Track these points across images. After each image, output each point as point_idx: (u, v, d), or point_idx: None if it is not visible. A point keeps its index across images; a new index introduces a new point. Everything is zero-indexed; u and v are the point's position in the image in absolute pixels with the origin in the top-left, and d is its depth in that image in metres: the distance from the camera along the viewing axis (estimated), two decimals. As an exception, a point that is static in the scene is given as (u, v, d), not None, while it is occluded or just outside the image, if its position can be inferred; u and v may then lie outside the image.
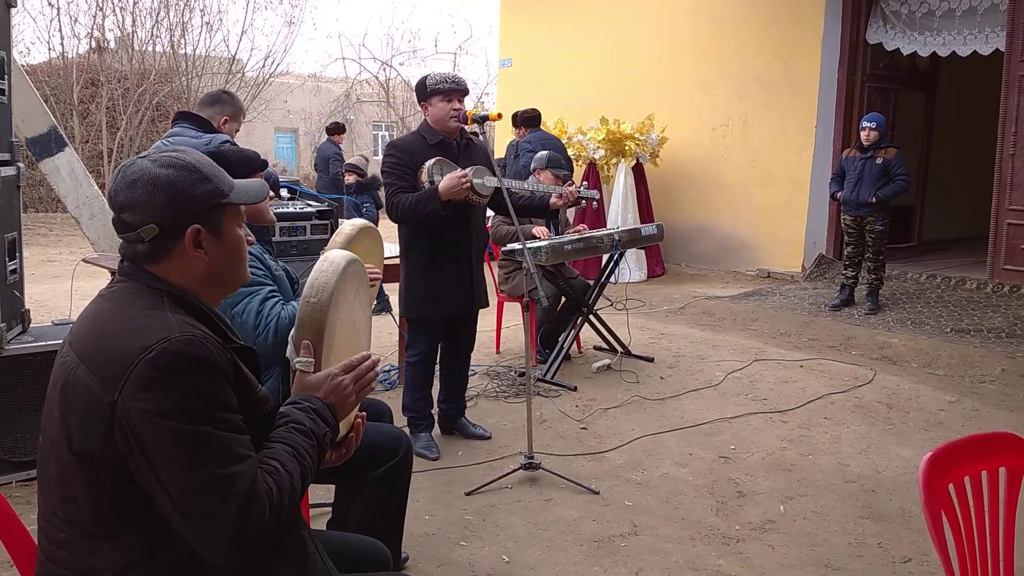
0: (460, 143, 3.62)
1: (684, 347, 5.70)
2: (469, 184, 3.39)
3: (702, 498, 3.35)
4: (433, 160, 3.45)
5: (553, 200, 3.75)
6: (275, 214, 4.19)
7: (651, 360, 5.28)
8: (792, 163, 8.41)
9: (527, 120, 7.61)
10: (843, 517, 3.18)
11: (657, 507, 3.26)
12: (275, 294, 2.45)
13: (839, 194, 6.62)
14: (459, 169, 3.46)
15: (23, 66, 14.24)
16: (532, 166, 5.22)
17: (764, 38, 8.57)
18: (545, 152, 5.25)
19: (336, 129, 10.69)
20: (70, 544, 1.29)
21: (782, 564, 2.83)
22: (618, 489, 3.42)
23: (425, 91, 3.53)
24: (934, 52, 7.64)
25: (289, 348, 1.59)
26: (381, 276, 2.66)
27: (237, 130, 3.75)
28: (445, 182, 3.37)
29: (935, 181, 9.17)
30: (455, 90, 3.49)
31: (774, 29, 8.48)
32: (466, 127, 3.60)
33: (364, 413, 1.69)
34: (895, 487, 3.45)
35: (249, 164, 2.43)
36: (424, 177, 3.43)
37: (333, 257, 1.62)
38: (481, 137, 3.64)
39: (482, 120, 3.44)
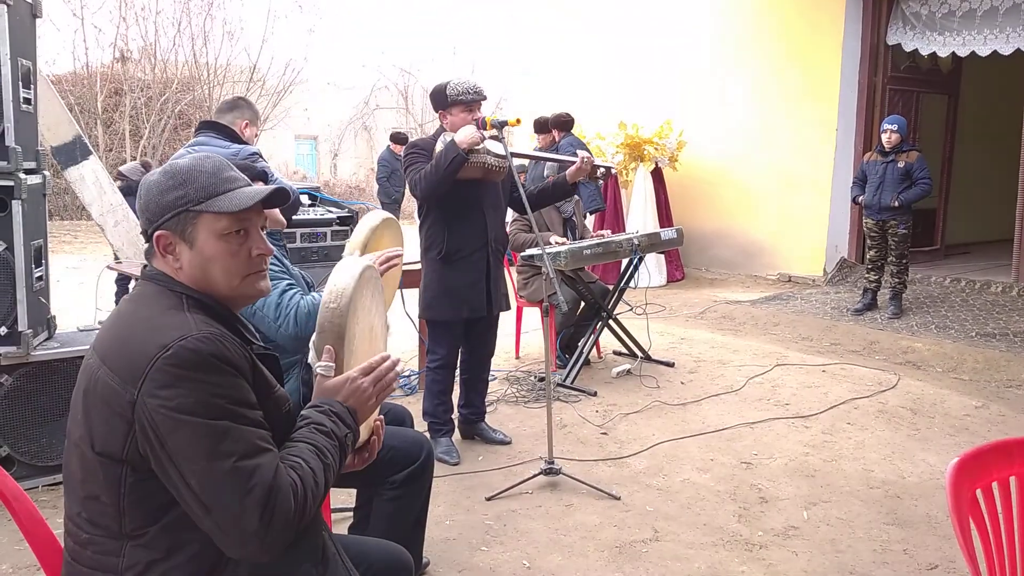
0: (477, 147, 3.62)
1: (704, 352, 5.67)
2: (483, 137, 3.40)
3: (724, 504, 3.33)
4: (448, 135, 3.48)
5: (571, 172, 3.72)
6: (295, 221, 4.24)
7: (671, 365, 5.25)
8: (813, 166, 8.35)
9: (560, 124, 7.63)
10: (867, 523, 3.14)
11: (678, 513, 3.24)
12: (293, 286, 2.45)
13: (860, 198, 6.57)
14: None
15: (49, 76, 14.47)
16: (545, 173, 5.25)
17: (783, 41, 8.52)
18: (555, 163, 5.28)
19: (398, 139, 10.84)
20: (94, 544, 1.31)
21: (806, 571, 2.80)
22: (639, 495, 3.41)
23: (445, 101, 3.52)
24: (955, 53, 7.56)
25: (311, 354, 1.60)
26: (403, 255, 2.63)
27: (257, 135, 3.77)
28: (461, 131, 3.39)
29: (958, 184, 9.08)
30: (476, 100, 3.50)
31: (793, 32, 8.44)
32: (485, 132, 3.60)
33: (382, 416, 1.70)
34: (920, 493, 3.40)
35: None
36: (439, 147, 3.45)
37: (347, 265, 1.65)
38: (503, 141, 3.63)
39: (501, 126, 3.45)
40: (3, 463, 3.23)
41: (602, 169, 3.99)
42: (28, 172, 3.32)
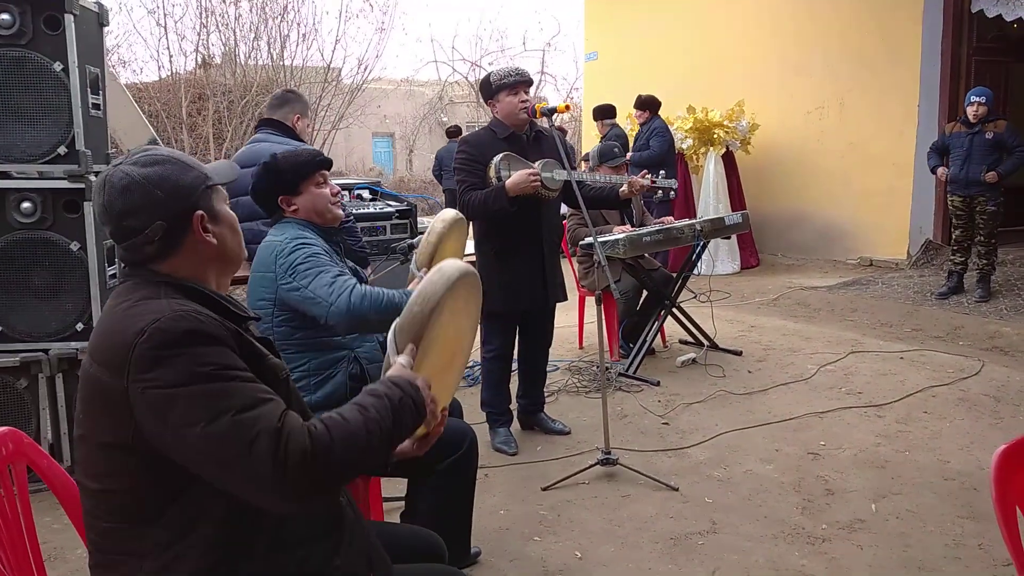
0: (529, 136, 3.60)
1: (775, 340, 5.50)
2: (538, 181, 3.37)
3: (787, 496, 3.22)
4: (500, 156, 3.45)
5: (623, 190, 3.69)
6: (356, 214, 4.31)
7: (739, 353, 5.12)
8: (894, 144, 7.98)
9: (649, 104, 7.69)
10: (940, 517, 2.99)
11: (739, 505, 3.16)
12: (344, 274, 2.44)
13: (940, 170, 6.24)
14: (527, 163, 3.44)
15: (136, 84, 15.12)
16: (589, 164, 5.21)
17: (859, 12, 8.16)
18: (596, 147, 5.24)
19: (454, 132, 11.15)
20: (115, 533, 1.35)
21: (870, 565, 2.68)
22: (698, 486, 3.33)
23: (491, 89, 3.52)
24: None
25: (390, 344, 1.57)
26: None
27: (309, 125, 3.85)
28: (513, 179, 3.36)
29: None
30: (520, 82, 3.48)
31: (870, 2, 8.07)
32: (535, 120, 3.58)
33: (446, 409, 1.68)
34: (1001, 485, 3.22)
35: (301, 168, 2.45)
36: (492, 173, 3.44)
37: (447, 269, 1.61)
38: (552, 128, 3.60)
39: (551, 113, 3.42)
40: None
41: (660, 193, 3.96)
42: (98, 175, 3.47)
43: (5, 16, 3.13)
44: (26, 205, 3.26)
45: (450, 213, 2.73)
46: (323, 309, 2.31)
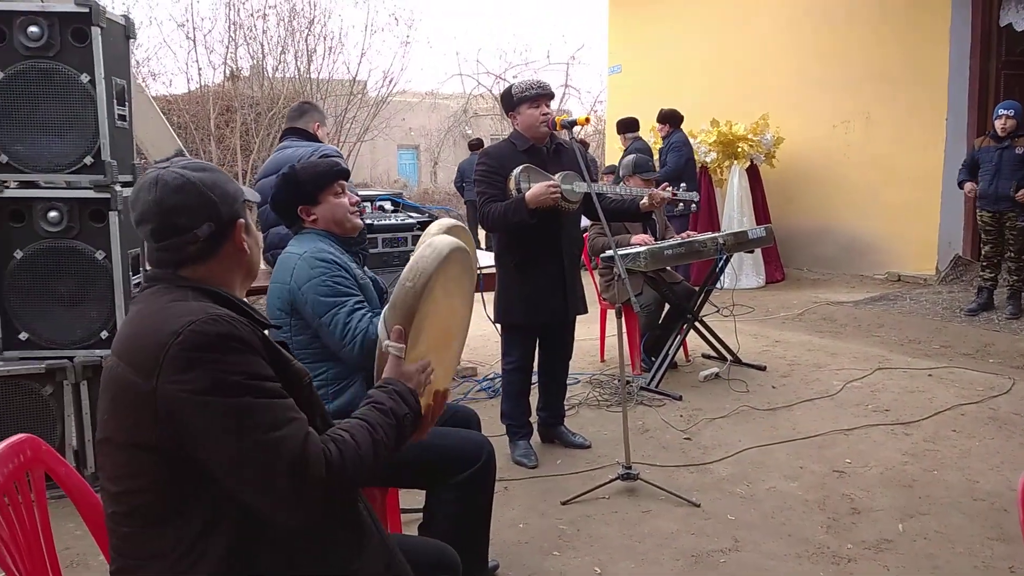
0: (550, 148, 3.60)
1: (800, 355, 5.43)
2: (558, 193, 3.36)
3: (811, 514, 3.16)
4: (521, 168, 3.44)
5: (643, 203, 3.66)
6: (378, 226, 4.33)
7: (763, 368, 5.05)
8: (921, 158, 7.87)
9: (671, 118, 7.67)
10: (969, 538, 2.91)
11: (761, 522, 3.10)
12: (361, 304, 2.46)
13: (968, 185, 6.14)
14: (547, 176, 3.43)
15: (166, 96, 15.34)
16: (620, 172, 5.16)
17: (885, 26, 8.09)
18: (631, 157, 5.18)
19: (476, 145, 11.32)
20: (136, 536, 1.36)
21: (897, 587, 2.62)
22: (720, 502, 3.28)
23: (512, 101, 3.53)
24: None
25: (380, 327, 1.59)
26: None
27: (327, 133, 3.96)
28: (533, 190, 3.35)
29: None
30: (541, 95, 3.48)
31: (896, 16, 7.99)
32: (555, 133, 3.57)
33: (447, 388, 1.72)
34: (1032, 507, 3.13)
35: (319, 179, 2.46)
36: (512, 185, 3.43)
37: (437, 244, 1.61)
38: (572, 141, 3.59)
39: (571, 125, 3.42)
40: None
41: (680, 206, 3.95)
42: (124, 185, 3.50)
43: (33, 28, 3.18)
44: (53, 214, 3.30)
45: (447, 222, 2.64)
46: (335, 344, 2.37)
